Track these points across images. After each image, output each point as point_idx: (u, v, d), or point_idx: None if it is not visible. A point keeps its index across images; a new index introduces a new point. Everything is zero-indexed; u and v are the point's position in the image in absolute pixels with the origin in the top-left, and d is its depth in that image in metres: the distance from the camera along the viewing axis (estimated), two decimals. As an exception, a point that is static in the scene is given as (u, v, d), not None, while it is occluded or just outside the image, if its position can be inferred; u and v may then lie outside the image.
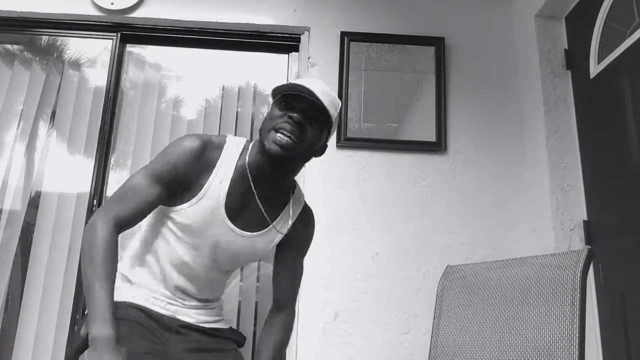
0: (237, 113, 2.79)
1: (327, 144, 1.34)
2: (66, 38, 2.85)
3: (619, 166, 2.03)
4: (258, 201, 1.29)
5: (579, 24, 2.38)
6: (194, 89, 2.85)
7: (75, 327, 2.35)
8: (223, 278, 1.45)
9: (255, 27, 2.73)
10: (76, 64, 2.84)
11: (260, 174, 1.27)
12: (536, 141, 2.43)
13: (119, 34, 2.72)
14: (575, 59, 2.39)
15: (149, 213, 1.26)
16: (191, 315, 1.36)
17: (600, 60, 2.19)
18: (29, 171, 2.68)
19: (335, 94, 1.28)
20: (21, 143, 2.68)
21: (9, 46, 2.88)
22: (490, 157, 2.54)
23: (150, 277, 1.33)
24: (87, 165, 2.59)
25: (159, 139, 2.71)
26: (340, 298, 2.31)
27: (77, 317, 2.37)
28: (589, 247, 2.18)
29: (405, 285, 2.36)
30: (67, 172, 2.65)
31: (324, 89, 1.23)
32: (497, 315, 1.50)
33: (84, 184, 2.55)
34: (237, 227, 1.29)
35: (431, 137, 2.54)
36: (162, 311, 1.31)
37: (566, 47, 2.46)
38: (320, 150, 1.32)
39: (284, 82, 1.24)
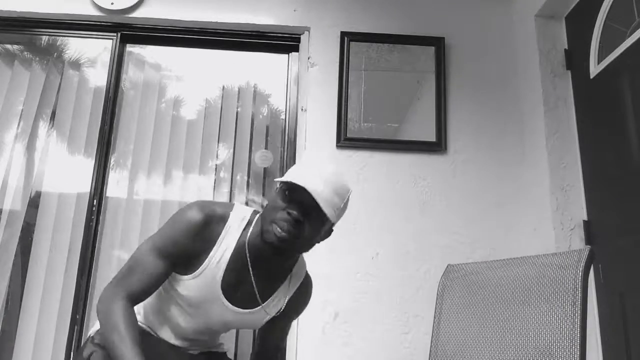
0: (237, 113, 2.79)
1: (334, 228, 1.31)
2: (66, 38, 2.85)
3: (619, 166, 2.03)
4: (253, 280, 1.29)
5: (579, 24, 2.38)
6: (194, 89, 2.86)
7: (76, 327, 2.36)
8: (216, 337, 1.50)
9: (255, 27, 2.73)
10: (76, 64, 2.84)
11: (259, 255, 1.26)
12: (536, 141, 2.43)
13: (119, 34, 2.73)
14: (575, 59, 2.39)
15: (161, 284, 1.27)
16: (187, 345, 1.40)
17: (600, 60, 2.19)
18: (29, 171, 2.68)
19: (343, 179, 1.23)
20: (21, 143, 2.68)
21: (9, 46, 2.87)
22: (490, 157, 2.54)
23: (144, 324, 1.38)
24: (87, 165, 2.59)
25: (159, 139, 2.71)
26: (340, 298, 2.31)
27: (77, 317, 2.37)
28: (589, 247, 2.18)
29: (405, 285, 2.36)
30: (67, 172, 2.65)
31: (329, 178, 1.19)
32: (498, 315, 1.50)
33: (84, 184, 2.55)
34: (231, 303, 1.30)
35: (431, 137, 2.54)
36: (159, 334, 1.37)
37: (566, 47, 2.46)
38: (324, 236, 1.30)
39: (289, 175, 1.21)
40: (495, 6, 2.76)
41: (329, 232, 1.30)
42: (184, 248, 1.23)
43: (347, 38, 2.65)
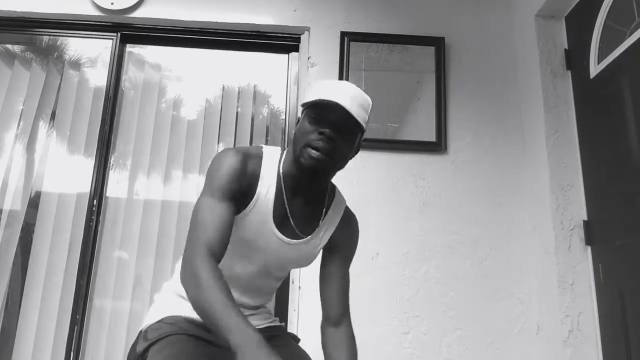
0: (237, 113, 2.79)
1: (362, 143, 1.34)
2: (66, 38, 2.85)
3: (619, 166, 2.03)
4: (295, 211, 1.29)
5: (579, 24, 2.38)
6: (194, 89, 2.86)
7: (76, 327, 2.36)
8: (273, 285, 1.44)
9: (255, 27, 2.74)
10: (76, 64, 2.84)
11: (297, 184, 1.27)
12: (536, 141, 2.43)
13: (119, 34, 2.73)
14: (575, 59, 2.39)
15: (231, 229, 1.21)
16: None
17: (600, 60, 2.19)
18: (29, 171, 2.68)
19: (363, 92, 1.26)
20: (21, 143, 2.68)
21: (9, 46, 2.88)
22: (490, 156, 2.54)
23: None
24: (87, 165, 2.60)
25: (159, 139, 2.71)
26: (340, 298, 2.31)
27: (77, 317, 2.37)
28: (589, 246, 2.18)
29: (405, 285, 2.36)
30: (67, 172, 2.65)
31: (353, 93, 1.21)
32: None
33: (84, 184, 2.55)
34: (284, 235, 1.28)
35: (431, 137, 2.54)
36: None
37: (566, 47, 2.46)
38: (355, 151, 1.33)
39: (317, 93, 1.21)
40: (495, 6, 2.76)
41: (358, 147, 1.32)
42: (237, 182, 1.21)
43: (347, 38, 2.65)
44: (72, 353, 2.33)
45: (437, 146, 2.52)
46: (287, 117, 2.69)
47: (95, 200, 2.51)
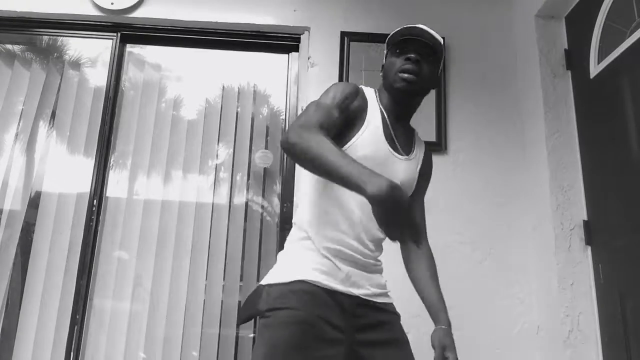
0: (237, 113, 2.79)
1: (439, 75, 1.53)
2: (66, 38, 2.85)
3: (619, 166, 2.02)
4: (398, 134, 1.46)
5: (579, 24, 2.38)
6: (194, 89, 2.85)
7: (76, 327, 2.35)
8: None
9: (255, 27, 2.74)
10: (76, 64, 2.84)
11: (395, 112, 1.46)
12: (536, 141, 2.43)
13: (119, 34, 2.73)
14: (575, 59, 2.39)
15: (333, 134, 1.29)
16: (366, 286, 1.42)
17: (600, 60, 2.19)
18: (29, 171, 2.68)
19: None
20: (21, 143, 2.68)
21: (9, 46, 2.88)
22: (490, 156, 2.54)
23: (334, 229, 1.36)
24: (87, 165, 2.60)
25: (159, 139, 2.71)
26: (340, 298, 2.31)
27: (77, 317, 2.37)
28: (589, 246, 2.18)
29: (405, 285, 2.35)
30: (67, 172, 2.65)
31: (428, 28, 1.45)
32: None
33: (84, 184, 2.55)
34: (395, 151, 1.43)
35: (431, 137, 2.54)
36: (339, 287, 1.32)
37: (566, 47, 2.46)
38: (437, 82, 1.53)
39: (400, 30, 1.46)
40: (495, 6, 2.76)
41: (439, 79, 1.57)
42: (353, 101, 1.37)
43: (347, 38, 2.65)
44: (72, 353, 2.33)
45: (437, 146, 2.52)
46: (287, 117, 2.69)
47: (95, 200, 2.51)
